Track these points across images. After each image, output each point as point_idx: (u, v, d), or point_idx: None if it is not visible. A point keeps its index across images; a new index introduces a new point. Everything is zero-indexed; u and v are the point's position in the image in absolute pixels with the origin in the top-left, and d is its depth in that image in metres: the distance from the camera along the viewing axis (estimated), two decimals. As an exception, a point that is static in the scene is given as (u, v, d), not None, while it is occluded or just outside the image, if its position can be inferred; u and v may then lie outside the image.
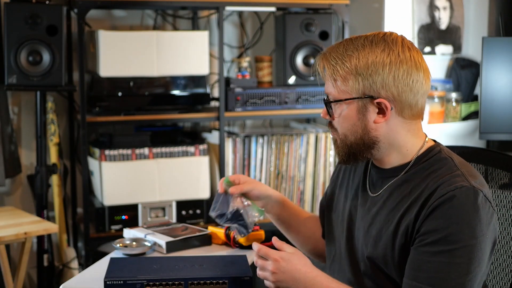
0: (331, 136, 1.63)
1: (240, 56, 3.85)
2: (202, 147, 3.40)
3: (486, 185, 1.51)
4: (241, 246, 2.07)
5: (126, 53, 3.23)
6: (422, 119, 1.59)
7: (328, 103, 1.57)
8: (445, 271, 1.43)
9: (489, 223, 1.46)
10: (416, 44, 3.61)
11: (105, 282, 1.63)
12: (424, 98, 1.56)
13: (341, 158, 1.60)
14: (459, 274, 1.43)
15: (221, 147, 3.41)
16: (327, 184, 3.58)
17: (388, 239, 1.52)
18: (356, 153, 1.57)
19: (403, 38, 1.56)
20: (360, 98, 1.52)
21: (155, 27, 3.68)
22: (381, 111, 1.53)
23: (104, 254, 2.31)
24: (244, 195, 1.86)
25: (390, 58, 1.51)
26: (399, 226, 1.51)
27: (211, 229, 2.10)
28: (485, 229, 1.45)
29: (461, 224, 1.43)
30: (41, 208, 3.22)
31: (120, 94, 3.29)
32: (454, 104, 3.61)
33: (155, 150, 3.33)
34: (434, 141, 1.61)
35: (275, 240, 1.60)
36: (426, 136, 1.60)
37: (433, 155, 1.56)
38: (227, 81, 3.44)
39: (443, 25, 3.70)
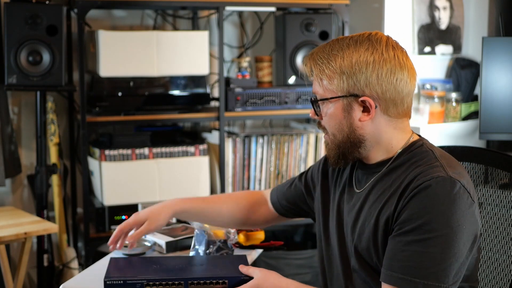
0: (324, 138, 1.66)
1: (240, 56, 3.85)
2: (202, 147, 3.40)
3: (466, 176, 1.52)
4: (241, 246, 2.08)
5: (126, 53, 3.23)
6: (409, 117, 1.62)
7: (314, 102, 1.61)
8: (419, 260, 1.44)
9: (466, 214, 1.46)
10: (416, 44, 3.64)
11: (105, 282, 1.63)
12: (410, 97, 1.58)
13: (332, 159, 1.63)
14: (432, 264, 1.43)
15: (221, 147, 3.42)
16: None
17: (370, 232, 1.54)
18: (345, 153, 1.60)
19: (388, 38, 1.58)
20: (344, 96, 1.55)
21: (155, 27, 3.68)
22: (366, 109, 1.55)
23: (104, 254, 2.31)
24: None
25: (373, 57, 1.53)
26: (379, 218, 1.53)
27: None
28: (461, 219, 1.45)
29: (435, 214, 1.44)
30: (41, 208, 3.23)
31: (120, 94, 3.29)
32: (454, 104, 3.62)
33: (155, 150, 3.33)
34: (419, 136, 1.63)
35: (241, 267, 1.68)
36: (412, 132, 1.63)
37: (415, 148, 1.58)
38: (227, 81, 3.44)
39: (443, 25, 3.71)
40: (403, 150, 1.58)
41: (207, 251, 1.94)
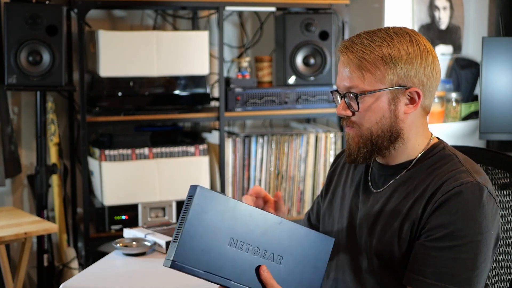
0: (347, 132, 1.58)
1: (240, 56, 3.85)
2: (202, 147, 3.40)
3: (489, 181, 1.52)
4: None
5: (126, 53, 3.23)
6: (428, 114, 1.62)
7: (358, 96, 1.52)
8: (452, 267, 1.44)
9: (493, 219, 1.48)
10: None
11: (173, 261, 1.38)
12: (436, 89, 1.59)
13: (358, 156, 1.57)
14: (465, 270, 1.44)
15: (221, 147, 3.42)
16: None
17: (393, 235, 1.53)
18: (380, 148, 1.55)
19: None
20: (393, 88, 1.51)
21: (155, 27, 3.69)
22: (412, 100, 1.54)
23: (104, 254, 2.32)
24: None
25: (419, 48, 1.52)
26: (404, 222, 1.51)
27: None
28: (490, 225, 1.46)
29: (467, 220, 1.44)
30: (41, 208, 3.23)
31: (120, 94, 3.29)
32: (454, 104, 3.62)
33: (155, 150, 3.33)
34: (437, 138, 1.63)
35: (263, 269, 1.47)
36: (432, 133, 1.62)
37: (437, 152, 1.57)
38: (227, 81, 3.44)
39: (443, 25, 3.71)
40: (424, 153, 1.57)
41: None
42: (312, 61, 3.51)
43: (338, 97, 1.59)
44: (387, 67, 1.50)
